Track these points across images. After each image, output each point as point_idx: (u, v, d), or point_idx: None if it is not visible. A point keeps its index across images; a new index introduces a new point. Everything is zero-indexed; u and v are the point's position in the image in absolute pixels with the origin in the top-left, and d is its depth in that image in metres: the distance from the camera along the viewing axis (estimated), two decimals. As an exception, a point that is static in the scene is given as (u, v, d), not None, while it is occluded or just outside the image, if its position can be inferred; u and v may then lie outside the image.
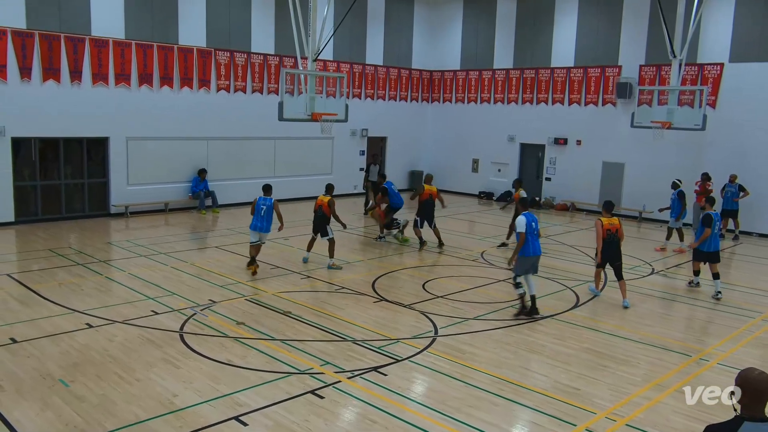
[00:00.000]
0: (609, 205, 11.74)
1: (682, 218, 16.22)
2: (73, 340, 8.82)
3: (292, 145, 22.23)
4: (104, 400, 7.09)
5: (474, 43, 25.58)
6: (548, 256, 15.36)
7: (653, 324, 10.57)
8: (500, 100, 24.83)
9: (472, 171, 26.03)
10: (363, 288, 11.98)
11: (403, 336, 9.48)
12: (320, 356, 8.54)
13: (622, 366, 8.59)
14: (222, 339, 9.08)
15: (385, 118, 25.43)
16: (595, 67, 22.13)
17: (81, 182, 18.17)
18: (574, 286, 12.53)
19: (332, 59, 23.02)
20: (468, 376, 8.06)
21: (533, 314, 10.45)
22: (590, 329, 10.13)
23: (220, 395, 7.29)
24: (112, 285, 11.90)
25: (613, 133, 21.80)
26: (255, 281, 12.25)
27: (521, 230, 10.38)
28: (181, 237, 16.49)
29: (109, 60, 17.76)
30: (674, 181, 16.48)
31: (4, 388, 7.29)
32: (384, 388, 7.62)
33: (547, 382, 8.00)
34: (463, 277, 12.92)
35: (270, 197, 12.95)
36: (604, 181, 22.10)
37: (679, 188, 16.25)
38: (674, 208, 16.18)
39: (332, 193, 13.91)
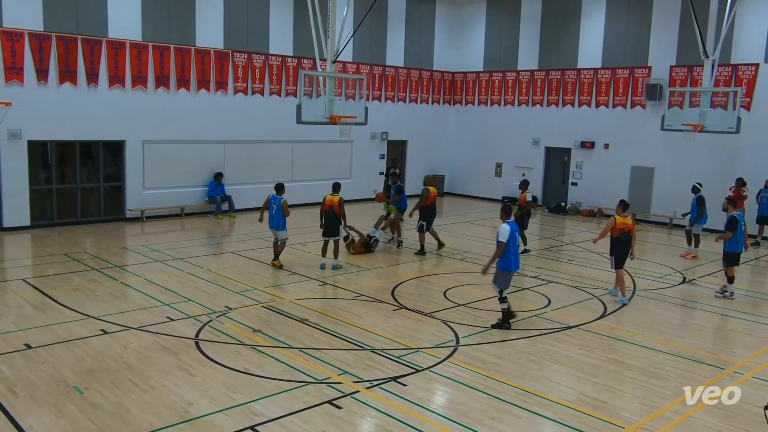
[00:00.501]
0: (624, 204, 12.13)
1: (700, 223, 16.12)
2: (87, 347, 8.93)
3: (310, 149, 22.33)
4: (119, 407, 7.16)
5: (497, 44, 25.52)
6: (574, 264, 15.27)
7: (684, 335, 10.43)
8: (524, 102, 24.73)
9: (495, 175, 25.94)
10: (382, 295, 11.98)
11: (423, 345, 9.46)
12: (338, 365, 8.54)
13: (652, 379, 8.48)
14: (238, 347, 9.13)
15: (406, 120, 25.45)
16: (623, 68, 21.95)
17: (97, 186, 18.43)
18: (601, 295, 12.40)
19: (352, 61, 23.11)
20: (490, 388, 8.01)
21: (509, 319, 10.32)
22: (618, 340, 10.01)
23: (235, 404, 7.32)
24: (127, 290, 12.02)
25: (642, 137, 21.59)
26: (272, 288, 12.31)
27: (503, 239, 9.97)
28: (197, 242, 16.63)
29: (125, 62, 18.00)
30: (694, 185, 16.35)
31: (18, 395, 7.40)
32: (403, 399, 7.60)
33: (572, 395, 7.93)
34: (485, 285, 12.83)
35: (281, 196, 13.71)
36: (633, 186, 21.88)
37: (699, 193, 16.10)
38: (693, 213, 16.11)
39: (340, 192, 14.13)
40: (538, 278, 13.68)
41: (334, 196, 13.89)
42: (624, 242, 11.90)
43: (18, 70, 16.28)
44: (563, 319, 10.86)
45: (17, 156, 16.53)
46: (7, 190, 16.56)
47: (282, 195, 13.81)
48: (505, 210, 10.37)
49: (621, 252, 11.94)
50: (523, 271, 14.13)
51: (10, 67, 16.13)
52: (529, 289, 12.81)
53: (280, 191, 13.84)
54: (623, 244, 11.91)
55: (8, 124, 15.63)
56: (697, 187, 16.20)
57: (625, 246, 11.91)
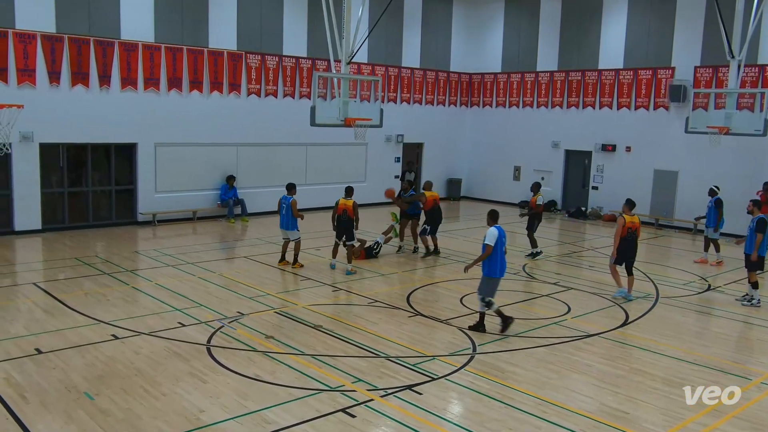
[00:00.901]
0: (631, 204, 12.68)
1: (720, 228, 15.95)
2: (98, 352, 9.00)
3: (324, 152, 22.40)
4: (129, 414, 7.21)
5: (516, 44, 25.47)
6: (595, 270, 15.17)
7: (709, 344, 10.32)
8: (544, 104, 24.65)
9: (513, 179, 25.85)
10: (397, 301, 11.97)
11: (439, 353, 9.43)
12: (352, 373, 8.54)
13: (675, 389, 8.39)
14: (250, 353, 9.16)
15: (422, 123, 25.46)
16: (646, 69, 21.81)
17: (108, 189, 18.60)
18: (622, 303, 12.31)
19: (367, 62, 23.17)
20: (508, 397, 7.97)
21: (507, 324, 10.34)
22: (640, 348, 9.93)
23: (247, 412, 7.34)
24: (138, 295, 12.12)
25: (665, 139, 21.43)
26: (285, 293, 12.35)
27: (489, 243, 10.05)
28: (209, 246, 16.73)
29: (138, 64, 18.18)
30: (711, 188, 16.20)
31: (28, 400, 7.47)
32: (419, 408, 7.58)
33: (593, 405, 7.86)
34: (502, 292, 12.78)
35: (291, 196, 14.05)
36: (656, 190, 21.71)
37: (716, 196, 15.93)
38: (710, 217, 15.91)
39: (353, 196, 14.35)
40: (557, 285, 13.60)
41: (347, 200, 14.02)
42: (630, 241, 12.32)
43: (30, 72, 16.50)
44: (583, 327, 10.78)
45: (29, 159, 16.73)
46: (19, 193, 16.76)
47: (293, 195, 14.07)
48: (492, 215, 10.54)
49: (627, 250, 12.36)
50: (541, 278, 14.07)
51: (22, 69, 16.35)
52: (548, 295, 12.74)
53: (290, 191, 14.17)
54: (629, 243, 12.33)
55: (20, 126, 15.72)
56: (714, 190, 16.06)
57: (631, 245, 12.35)
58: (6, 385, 7.85)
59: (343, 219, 13.90)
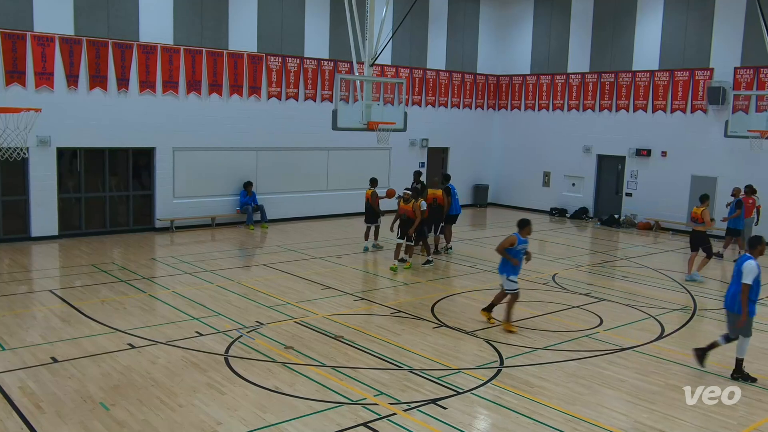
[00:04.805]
0: (704, 197, 15.08)
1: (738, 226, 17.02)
2: (114, 361, 9.11)
3: (346, 157, 22.47)
4: (146, 426, 7.28)
5: (546, 45, 25.37)
6: (629, 281, 15.01)
7: (752, 360, 10.12)
8: (575, 107, 24.50)
9: (543, 185, 25.71)
10: (421, 312, 11.95)
11: (465, 366, 9.39)
12: (374, 386, 8.54)
13: (715, 407, 8.26)
14: (269, 364, 9.20)
15: (448, 127, 25.44)
16: (683, 70, 21.58)
17: (126, 195, 18.85)
18: (658, 315, 12.16)
19: (390, 64, 23.23)
20: (537, 413, 7.90)
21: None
22: (676, 363, 9.79)
23: (266, 425, 7.37)
24: (155, 303, 12.24)
25: (703, 144, 21.17)
26: (305, 303, 12.39)
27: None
28: (227, 254, 16.85)
29: (156, 67, 18.42)
30: (736, 189, 17.37)
31: (44, 410, 7.58)
32: (443, 423, 7.55)
33: (626, 422, 7.77)
34: (532, 302, 12.72)
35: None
36: (694, 197, 21.35)
37: (739, 197, 17.01)
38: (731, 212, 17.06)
39: (375, 186, 16.82)
40: (589, 296, 13.48)
41: (369, 190, 16.75)
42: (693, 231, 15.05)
43: (48, 75, 16.80)
44: (616, 340, 10.67)
45: (46, 163, 17.01)
46: (36, 199, 17.02)
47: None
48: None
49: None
50: (572, 288, 13.94)
51: (40, 73, 16.66)
52: (579, 307, 12.63)
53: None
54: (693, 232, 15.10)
55: (37, 131, 16.01)
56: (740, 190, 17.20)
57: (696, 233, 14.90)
58: (21, 394, 7.97)
59: (368, 205, 16.54)
